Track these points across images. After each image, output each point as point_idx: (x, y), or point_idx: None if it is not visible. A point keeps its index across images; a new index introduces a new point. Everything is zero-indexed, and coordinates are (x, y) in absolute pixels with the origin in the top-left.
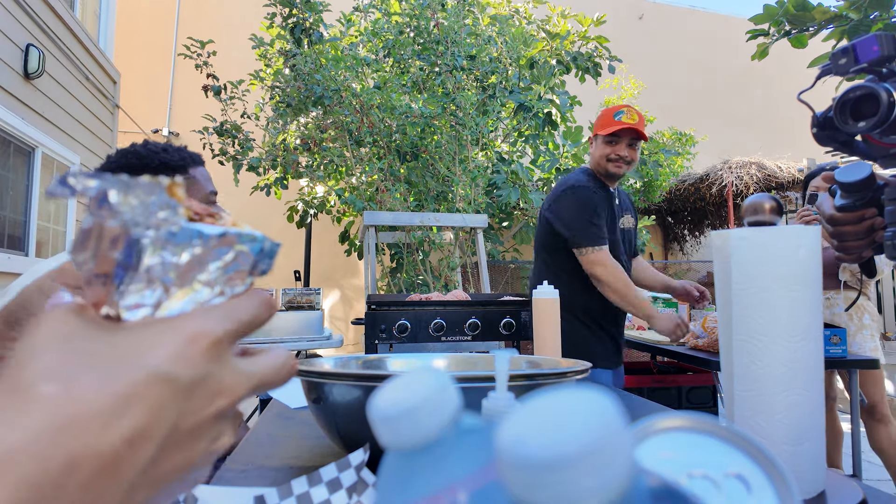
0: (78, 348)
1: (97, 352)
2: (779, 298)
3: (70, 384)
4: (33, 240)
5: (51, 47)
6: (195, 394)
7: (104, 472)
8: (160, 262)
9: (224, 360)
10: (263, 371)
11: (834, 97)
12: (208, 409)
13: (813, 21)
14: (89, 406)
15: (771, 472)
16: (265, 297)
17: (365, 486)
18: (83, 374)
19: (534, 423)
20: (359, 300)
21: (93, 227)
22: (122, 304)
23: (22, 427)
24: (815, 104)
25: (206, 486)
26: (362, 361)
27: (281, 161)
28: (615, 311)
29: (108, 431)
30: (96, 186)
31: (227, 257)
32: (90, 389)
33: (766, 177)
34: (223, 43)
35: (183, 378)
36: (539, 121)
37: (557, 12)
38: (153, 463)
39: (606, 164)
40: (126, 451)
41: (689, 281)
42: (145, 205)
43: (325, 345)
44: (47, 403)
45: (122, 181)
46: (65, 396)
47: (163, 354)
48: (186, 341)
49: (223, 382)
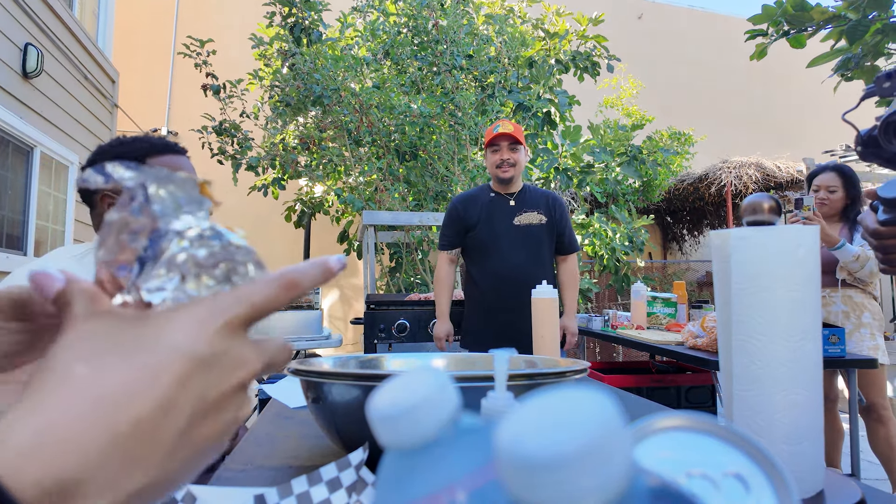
0: (103, 339)
1: (121, 340)
2: (778, 298)
3: (100, 367)
4: (32, 239)
5: (49, 46)
6: (216, 367)
7: (142, 439)
8: (182, 252)
9: (239, 337)
10: (272, 350)
11: (878, 117)
12: (230, 381)
13: (811, 21)
14: (121, 383)
15: (770, 471)
16: (283, 280)
17: (364, 485)
18: (110, 358)
19: (533, 422)
20: (358, 300)
21: (118, 220)
22: (145, 287)
23: (60, 404)
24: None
25: (205, 487)
26: (361, 361)
27: (280, 161)
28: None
29: (141, 402)
30: (133, 177)
31: (237, 257)
32: (118, 370)
33: (765, 176)
34: (222, 42)
35: (202, 354)
36: (538, 120)
37: (552, 11)
38: (188, 430)
39: (496, 171)
40: (161, 418)
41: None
42: (177, 198)
43: (324, 344)
44: (81, 382)
45: (160, 174)
46: (97, 376)
47: (180, 335)
48: (201, 322)
49: (241, 357)
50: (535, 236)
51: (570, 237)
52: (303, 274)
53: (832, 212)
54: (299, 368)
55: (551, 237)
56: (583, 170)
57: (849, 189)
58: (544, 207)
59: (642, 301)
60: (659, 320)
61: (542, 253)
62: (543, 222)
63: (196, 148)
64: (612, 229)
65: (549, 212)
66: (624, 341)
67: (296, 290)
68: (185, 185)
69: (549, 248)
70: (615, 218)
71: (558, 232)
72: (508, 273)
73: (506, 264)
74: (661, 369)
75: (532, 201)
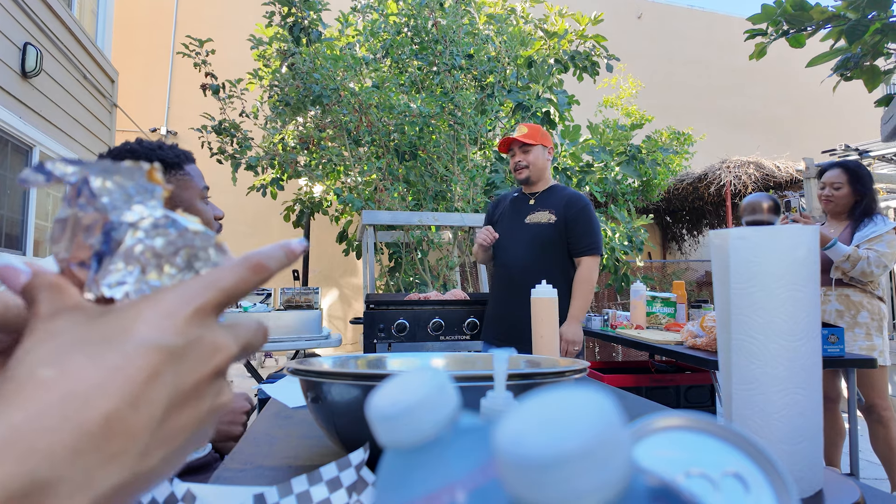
0: (68, 339)
1: (87, 337)
2: (777, 297)
3: (65, 367)
4: (31, 239)
5: (48, 46)
6: (189, 356)
7: (114, 435)
8: (138, 243)
9: (209, 323)
10: (246, 332)
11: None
12: (205, 369)
13: (811, 21)
14: (86, 380)
15: (769, 470)
16: (250, 263)
17: (364, 484)
18: (76, 357)
19: (532, 421)
20: (357, 299)
21: (68, 216)
22: (104, 283)
23: (25, 407)
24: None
25: (204, 486)
26: (361, 361)
27: (279, 160)
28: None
29: (109, 399)
30: (75, 172)
31: (196, 243)
32: (84, 367)
33: (765, 176)
34: (221, 42)
35: (172, 345)
36: (537, 120)
37: (555, 11)
38: (162, 423)
39: (515, 174)
40: (131, 413)
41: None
42: (125, 189)
43: (324, 344)
44: (46, 384)
45: (103, 166)
46: (62, 376)
47: (147, 327)
48: (169, 312)
49: (215, 343)
50: (543, 236)
51: (582, 238)
52: (268, 256)
53: (839, 209)
54: (299, 368)
55: (561, 237)
56: (582, 169)
57: (855, 186)
58: (559, 207)
59: (642, 301)
60: (658, 320)
61: (548, 252)
62: (552, 222)
63: (195, 147)
64: (611, 229)
65: (563, 211)
66: (623, 341)
67: (263, 272)
68: (131, 174)
69: (559, 248)
70: (614, 217)
71: (568, 232)
72: (514, 271)
73: (512, 262)
74: (660, 369)
75: (550, 201)
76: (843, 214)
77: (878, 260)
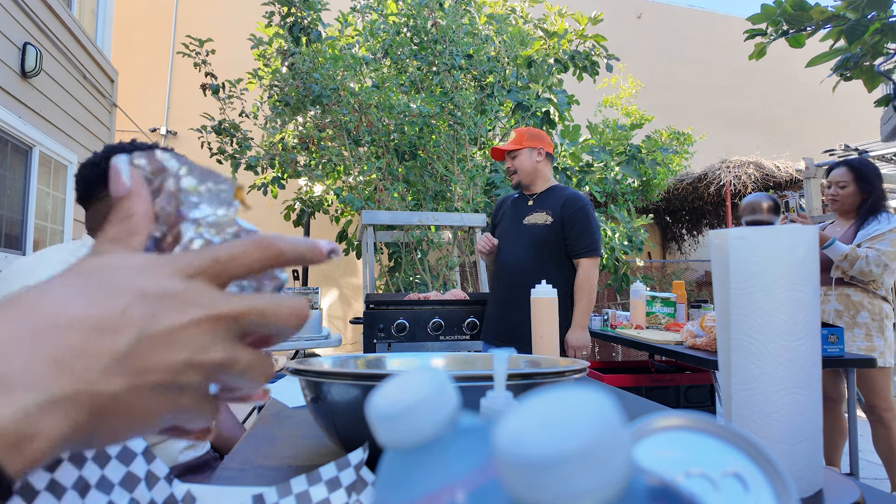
0: (76, 277)
1: (89, 282)
2: (777, 297)
3: (49, 295)
4: (31, 238)
5: (48, 46)
6: (163, 304)
7: (73, 350)
8: (198, 238)
9: (196, 282)
10: (263, 300)
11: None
12: (180, 318)
13: (810, 21)
14: (56, 303)
15: (768, 470)
16: (257, 238)
17: (364, 484)
18: (69, 290)
19: (532, 421)
20: (357, 299)
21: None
22: None
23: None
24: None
25: (204, 486)
26: (360, 361)
27: (279, 160)
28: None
29: (71, 317)
30: (176, 164)
31: None
32: (63, 298)
33: (764, 176)
34: (221, 42)
35: (149, 289)
36: (537, 120)
37: (554, 11)
38: (129, 354)
39: (509, 180)
40: (94, 336)
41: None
42: (210, 195)
43: (324, 344)
44: (24, 303)
45: (200, 170)
46: (39, 300)
47: (132, 273)
48: (156, 265)
49: (198, 297)
50: (539, 237)
51: (579, 240)
52: (281, 238)
53: (845, 208)
54: (298, 368)
55: (558, 238)
56: (582, 169)
57: (860, 184)
58: (556, 208)
59: (641, 300)
60: (658, 320)
61: (545, 254)
62: (549, 223)
63: (195, 147)
64: (611, 229)
65: (560, 212)
66: (623, 341)
67: (268, 249)
68: (221, 185)
69: (556, 250)
70: (614, 217)
71: (565, 233)
72: (511, 271)
73: (511, 263)
74: (660, 369)
75: (548, 202)
76: (851, 213)
77: (878, 259)
